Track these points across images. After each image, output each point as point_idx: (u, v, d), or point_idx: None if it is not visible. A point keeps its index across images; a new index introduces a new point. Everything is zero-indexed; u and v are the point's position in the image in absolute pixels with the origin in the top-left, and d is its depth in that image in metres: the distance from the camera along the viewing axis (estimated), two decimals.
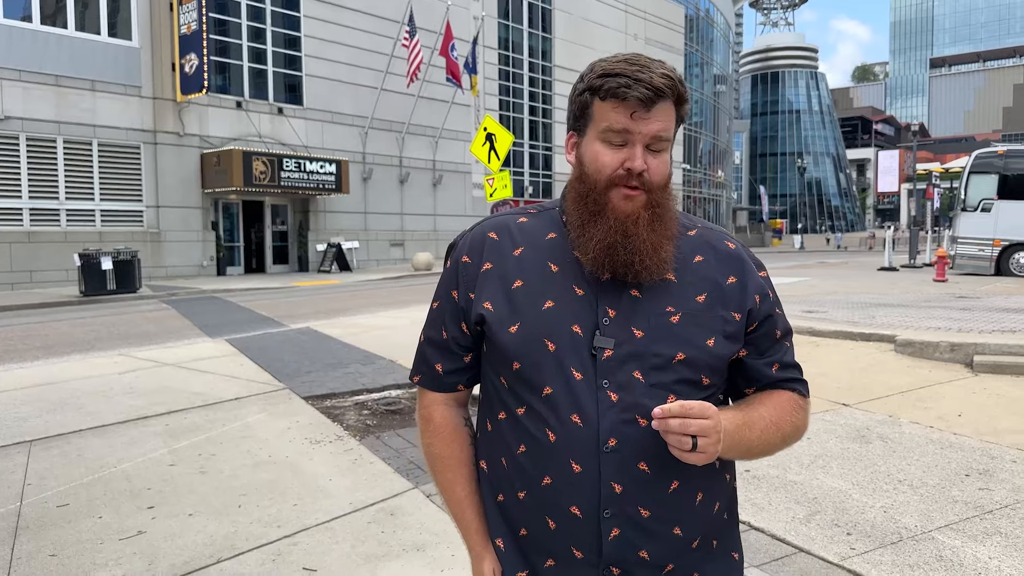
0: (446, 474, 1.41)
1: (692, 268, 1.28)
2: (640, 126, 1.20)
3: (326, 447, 5.06)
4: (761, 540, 3.49)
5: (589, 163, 1.25)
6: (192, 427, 5.57)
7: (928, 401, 5.95)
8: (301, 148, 25.17)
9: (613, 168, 1.22)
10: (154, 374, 7.59)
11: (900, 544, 3.40)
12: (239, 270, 25.09)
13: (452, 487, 1.40)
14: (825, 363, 7.39)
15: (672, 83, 1.20)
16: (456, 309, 1.34)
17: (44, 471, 4.61)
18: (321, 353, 8.69)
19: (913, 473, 4.34)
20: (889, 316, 9.83)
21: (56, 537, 3.62)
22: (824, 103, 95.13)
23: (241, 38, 24.30)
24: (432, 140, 29.84)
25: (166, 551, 3.45)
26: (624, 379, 1.22)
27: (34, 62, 19.49)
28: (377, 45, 27.01)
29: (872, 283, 16.40)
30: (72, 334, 11.05)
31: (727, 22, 63.55)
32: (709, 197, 56.79)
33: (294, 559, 3.37)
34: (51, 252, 19.65)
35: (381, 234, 28.33)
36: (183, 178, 22.69)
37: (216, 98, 23.25)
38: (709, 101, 57.06)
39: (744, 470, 4.37)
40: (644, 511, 1.23)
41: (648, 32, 43.80)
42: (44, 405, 6.27)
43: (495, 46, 33.92)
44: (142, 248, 20.27)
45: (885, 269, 21.41)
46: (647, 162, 1.21)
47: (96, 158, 20.92)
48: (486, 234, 1.35)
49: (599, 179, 1.23)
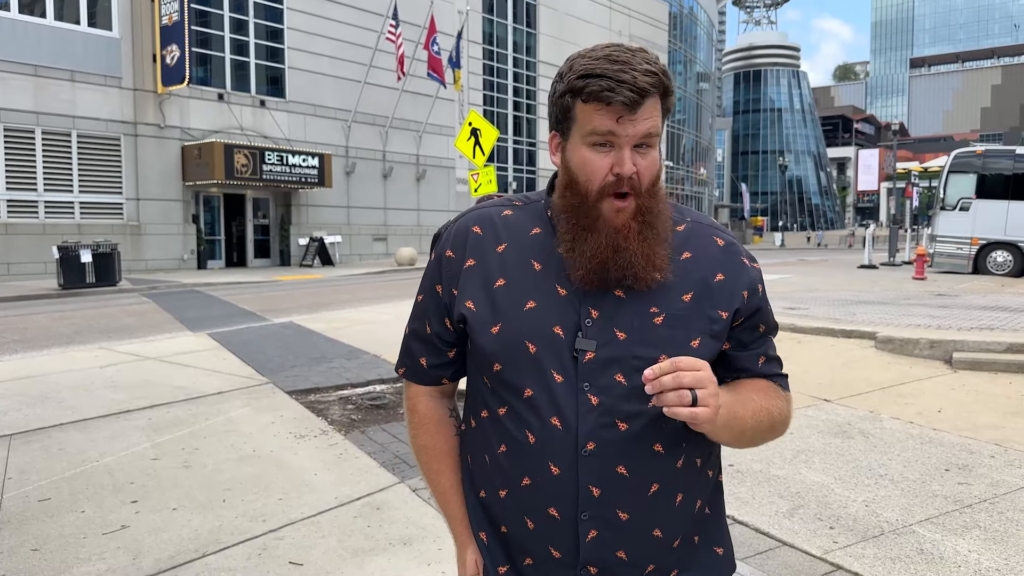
0: (432, 464, 1.42)
1: (679, 266, 1.25)
2: (627, 128, 1.16)
3: (311, 441, 5.05)
4: (745, 534, 3.52)
5: (578, 170, 1.21)
6: (175, 421, 5.52)
7: (908, 397, 6.02)
8: (283, 141, 24.99)
9: (603, 175, 1.18)
10: (136, 368, 7.52)
11: (882, 537, 3.45)
12: (220, 264, 24.89)
13: (438, 477, 1.41)
14: (807, 359, 7.46)
15: (657, 78, 1.16)
16: (440, 305, 1.33)
17: (25, 465, 4.56)
18: (305, 347, 8.65)
19: (894, 468, 4.40)
20: (869, 313, 9.93)
21: (38, 531, 3.59)
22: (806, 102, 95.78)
23: (223, 29, 24.07)
24: (416, 135, 29.74)
25: (150, 545, 3.43)
26: (605, 382, 1.20)
27: (12, 52, 19.20)
28: (361, 38, 26.86)
29: (852, 280, 16.56)
30: (51, 327, 10.92)
31: (710, 20, 63.80)
32: (691, 194, 57.05)
33: (280, 553, 3.36)
34: (29, 244, 19.40)
35: (364, 228, 28.20)
36: (164, 170, 22.46)
37: (198, 90, 23.02)
38: (692, 99, 57.29)
39: (728, 464, 4.41)
40: (622, 514, 1.22)
41: (632, 29, 43.89)
42: (24, 399, 6.20)
43: (479, 40, 33.88)
44: (122, 241, 20.05)
45: (865, 267, 21.61)
46: (636, 163, 1.18)
47: (75, 149, 20.66)
48: (470, 228, 1.32)
49: (590, 188, 1.19)
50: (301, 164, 24.24)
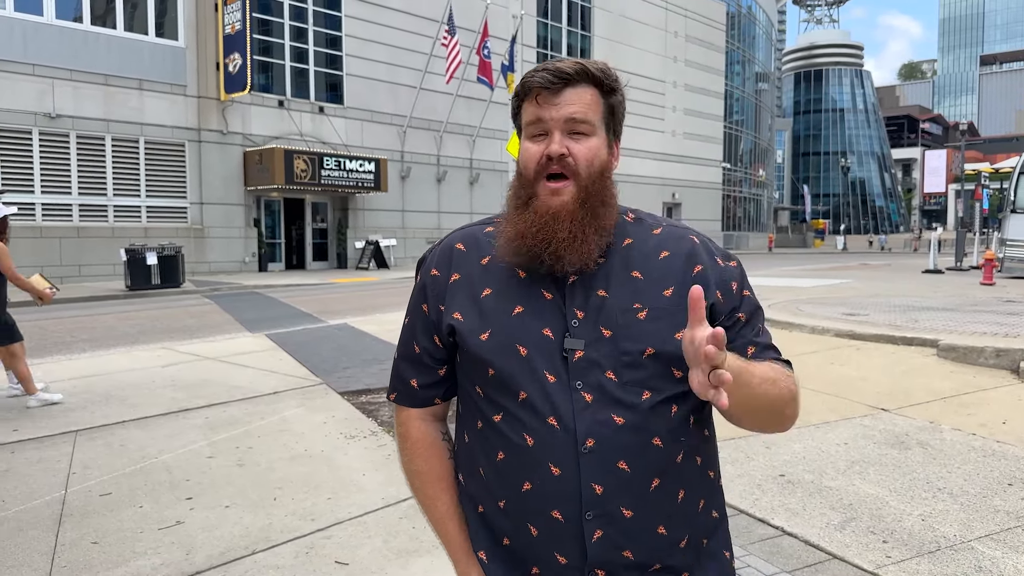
0: (426, 489, 1.40)
1: (658, 264, 1.28)
2: (551, 111, 1.22)
3: (360, 442, 5.13)
4: (794, 546, 3.45)
5: (520, 161, 1.27)
6: (231, 420, 5.68)
7: (971, 407, 5.81)
8: (341, 146, 25.45)
9: (537, 159, 1.23)
10: (195, 367, 7.75)
11: (938, 553, 3.34)
12: (280, 266, 25.47)
13: (433, 502, 1.40)
14: (865, 367, 7.26)
15: (581, 68, 1.22)
16: (427, 322, 1.35)
17: (89, 461, 4.74)
18: (357, 349, 8.79)
19: (953, 481, 4.25)
20: (933, 320, 9.62)
21: (98, 525, 3.73)
22: (869, 102, 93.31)
23: (284, 38, 24.64)
24: (470, 139, 29.94)
25: (203, 541, 3.53)
26: (597, 379, 1.22)
27: (85, 62, 20.00)
28: (416, 44, 27.18)
29: (916, 286, 16.06)
30: (117, 327, 11.34)
31: (769, 19, 62.63)
32: (749, 196, 56.04)
33: (327, 552, 3.42)
34: (99, 247, 20.15)
35: (418, 232, 28.51)
36: (226, 175, 23.10)
37: (259, 97, 23.62)
38: (750, 99, 56.30)
39: (779, 475, 4.33)
40: (626, 511, 1.22)
41: (688, 29, 43.38)
42: (90, 396, 6.45)
43: (533, 44, 33.91)
44: (186, 244, 20.68)
45: (930, 272, 20.95)
46: (569, 147, 1.22)
47: (143, 155, 21.40)
48: (453, 246, 1.35)
49: (528, 173, 1.25)
50: (358, 169, 24.65)
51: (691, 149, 43.85)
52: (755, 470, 4.43)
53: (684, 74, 43.21)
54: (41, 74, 19.25)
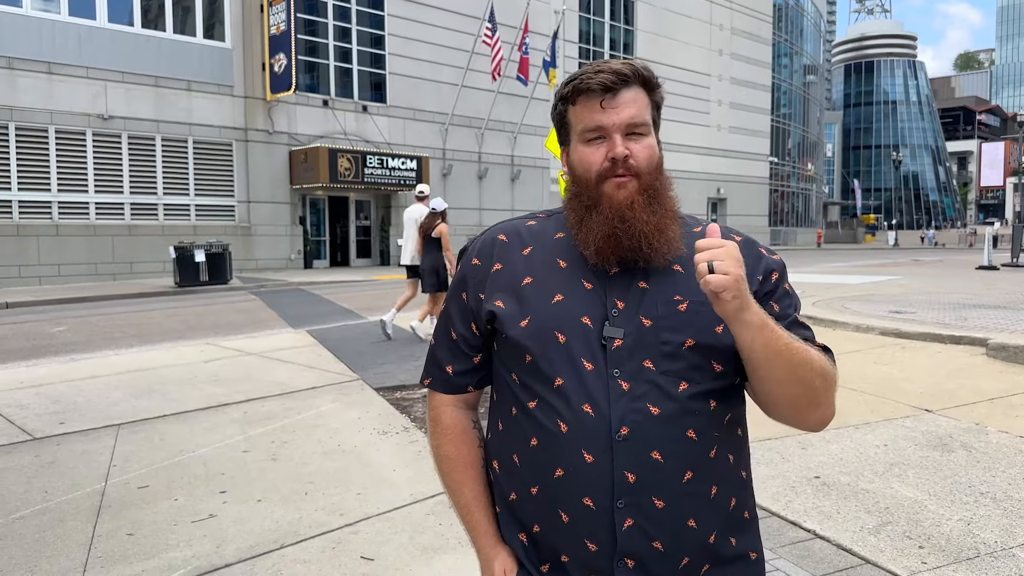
0: (454, 475, 1.42)
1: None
2: (611, 116, 1.24)
3: (393, 438, 5.17)
4: (826, 550, 3.37)
5: (578, 166, 1.29)
6: (268, 415, 5.77)
7: (1020, 409, 5.61)
8: (384, 145, 25.67)
9: (599, 163, 1.25)
10: (237, 363, 7.90)
11: (977, 560, 3.23)
12: (325, 263, 25.83)
13: (460, 488, 1.41)
14: (909, 366, 7.07)
15: (633, 68, 1.26)
16: (466, 310, 1.37)
17: (129, 453, 4.86)
18: (395, 345, 8.87)
19: (998, 485, 4.11)
20: (983, 318, 9.32)
21: (135, 517, 3.82)
22: (923, 93, 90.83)
23: (328, 38, 24.94)
24: (511, 136, 29.94)
25: (234, 535, 3.60)
26: (635, 368, 1.22)
27: (135, 64, 20.52)
28: (458, 42, 27.26)
29: (968, 283, 15.58)
30: (164, 323, 11.62)
31: (817, 10, 61.28)
32: (798, 191, 54.98)
33: (353, 547, 3.45)
34: (149, 244, 20.66)
35: (460, 229, 28.54)
36: (272, 174, 23.50)
37: (304, 97, 23.95)
38: (798, 92, 55.20)
39: (814, 476, 4.24)
40: (658, 501, 1.22)
41: (734, 22, 42.71)
42: (133, 391, 6.62)
43: (576, 40, 33.73)
44: (233, 241, 21.08)
45: (984, 268, 20.30)
46: (629, 148, 1.24)
47: (191, 155, 21.88)
48: (496, 237, 1.39)
49: (590, 177, 1.26)
50: (400, 167, 24.84)
51: (737, 143, 43.17)
52: (790, 471, 4.34)
53: (730, 67, 42.53)
54: (95, 76, 19.81)
